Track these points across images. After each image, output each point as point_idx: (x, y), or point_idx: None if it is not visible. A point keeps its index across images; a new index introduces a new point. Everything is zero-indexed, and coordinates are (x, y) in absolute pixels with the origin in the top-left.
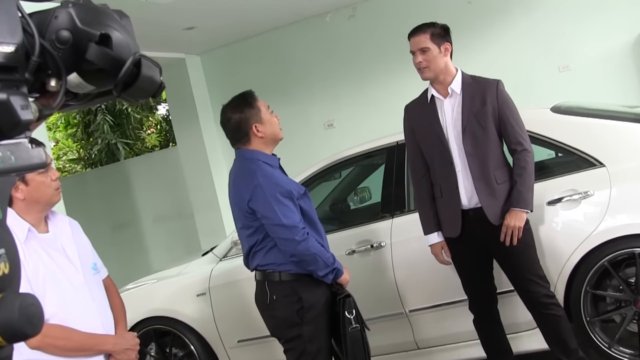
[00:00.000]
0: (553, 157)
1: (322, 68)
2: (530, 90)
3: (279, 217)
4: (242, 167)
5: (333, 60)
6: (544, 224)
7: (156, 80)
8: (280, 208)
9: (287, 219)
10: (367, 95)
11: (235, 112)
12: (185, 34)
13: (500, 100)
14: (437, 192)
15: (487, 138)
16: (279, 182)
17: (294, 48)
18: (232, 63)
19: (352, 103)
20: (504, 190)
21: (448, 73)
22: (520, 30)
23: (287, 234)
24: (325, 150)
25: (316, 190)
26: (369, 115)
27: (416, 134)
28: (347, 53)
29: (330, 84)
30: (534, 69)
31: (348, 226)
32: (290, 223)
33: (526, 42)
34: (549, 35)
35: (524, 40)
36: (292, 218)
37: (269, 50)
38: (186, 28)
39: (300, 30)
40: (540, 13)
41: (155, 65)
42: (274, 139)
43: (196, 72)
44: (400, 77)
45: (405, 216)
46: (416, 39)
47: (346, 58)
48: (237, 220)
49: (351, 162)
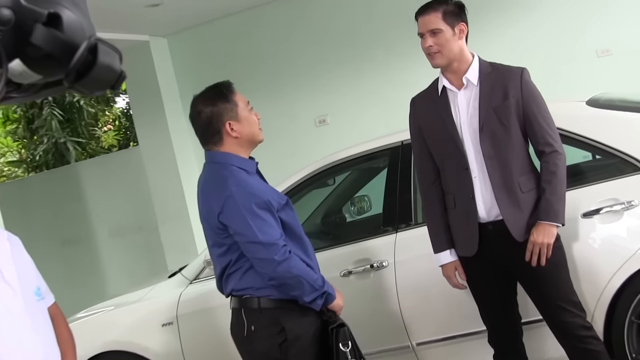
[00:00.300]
0: (589, 159)
1: (311, 53)
2: (562, 80)
3: (254, 233)
4: (212, 174)
5: (325, 43)
6: (578, 240)
7: (115, 68)
8: (256, 222)
9: (265, 235)
10: (366, 85)
11: (207, 105)
12: (150, 11)
13: (525, 92)
14: (450, 202)
15: (510, 138)
16: (254, 191)
17: (278, 29)
18: (205, 47)
19: (348, 95)
20: (530, 200)
21: (463, 60)
22: (550, 8)
23: (265, 252)
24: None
25: (305, 199)
26: (368, 110)
27: (424, 133)
28: (342, 35)
29: (321, 72)
30: (567, 55)
31: (343, 242)
32: (268, 240)
33: (557, 22)
34: (586, 14)
35: (555, 20)
36: (270, 234)
37: (249, 33)
38: (150, 5)
39: (285, 8)
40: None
41: (114, 50)
42: (251, 140)
43: (162, 57)
44: (405, 63)
45: (412, 230)
46: (425, 18)
47: (341, 41)
48: (208, 236)
49: (347, 166)
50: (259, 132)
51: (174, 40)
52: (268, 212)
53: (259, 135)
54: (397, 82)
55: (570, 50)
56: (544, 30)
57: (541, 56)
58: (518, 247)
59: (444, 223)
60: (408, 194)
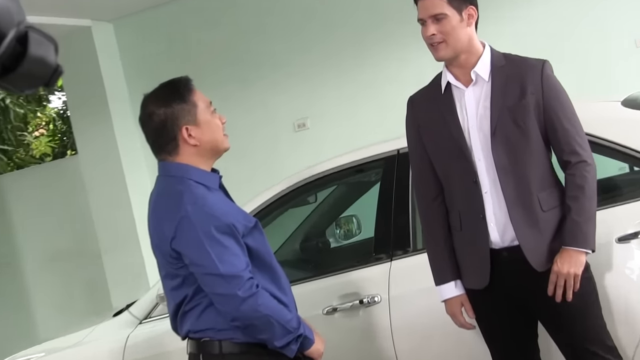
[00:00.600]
0: (626, 172)
1: (289, 44)
2: (592, 75)
3: (213, 263)
4: (164, 189)
5: (305, 33)
6: (612, 270)
7: (49, 62)
8: (215, 250)
9: (226, 265)
10: (354, 82)
11: (160, 106)
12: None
13: (547, 89)
14: (455, 224)
15: (528, 144)
16: (215, 211)
17: (248, 16)
18: (160, 35)
19: (333, 94)
20: (553, 220)
21: (472, 51)
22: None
23: (226, 287)
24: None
25: (280, 220)
26: (357, 112)
27: (424, 139)
28: (325, 22)
29: (301, 66)
30: (598, 45)
31: (327, 273)
32: (230, 271)
33: (587, 6)
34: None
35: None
36: (233, 264)
37: (214, 19)
38: None
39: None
40: None
41: (48, 40)
42: (213, 148)
43: (107, 46)
44: (402, 54)
45: (409, 258)
46: (427, 1)
47: (324, 29)
48: (160, 266)
49: (331, 180)
50: (224, 139)
51: (121, 26)
52: (231, 238)
53: (223, 143)
54: (392, 77)
55: (603, 39)
56: (570, 15)
57: (566, 46)
58: (539, 278)
59: (448, 249)
60: (405, 214)
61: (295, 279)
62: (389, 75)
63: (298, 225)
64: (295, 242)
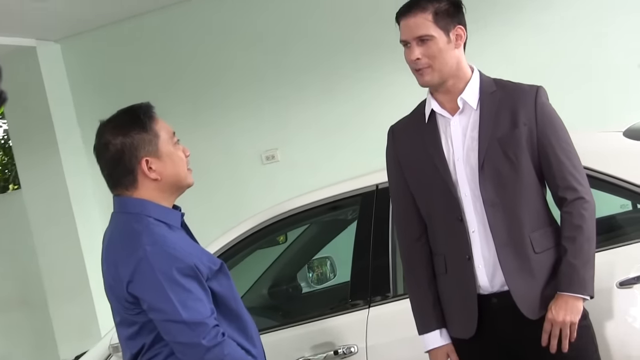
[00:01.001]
0: (628, 210)
1: (256, 67)
2: (592, 103)
3: (175, 308)
4: (121, 227)
5: (275, 54)
6: (613, 318)
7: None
8: (178, 294)
9: (189, 311)
10: (329, 109)
11: (117, 136)
12: (37, 8)
13: (541, 119)
14: (440, 267)
15: (520, 179)
16: (176, 252)
17: (209, 34)
18: (113, 56)
19: (305, 123)
20: (547, 263)
21: (460, 75)
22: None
23: (189, 335)
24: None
25: (247, 263)
26: (331, 142)
27: (406, 173)
28: (297, 43)
29: (270, 92)
30: (598, 69)
31: (298, 321)
32: (194, 318)
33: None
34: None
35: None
36: (197, 310)
37: (173, 36)
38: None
39: (219, 4)
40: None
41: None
42: (176, 184)
43: (53, 68)
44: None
45: (389, 305)
46: (410, 21)
47: (296, 51)
48: (114, 311)
49: (303, 218)
50: (187, 174)
51: (69, 46)
52: (194, 281)
53: (186, 178)
54: (371, 104)
55: (604, 62)
56: (568, 36)
57: (563, 71)
58: (531, 326)
59: (433, 294)
60: (384, 255)
61: (264, 327)
62: (368, 101)
63: (266, 268)
64: (263, 287)
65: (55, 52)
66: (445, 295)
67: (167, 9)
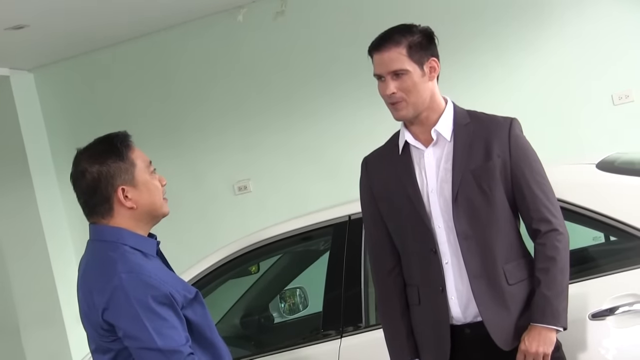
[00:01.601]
0: (601, 242)
1: (230, 95)
2: (566, 135)
3: (151, 336)
4: (96, 255)
5: (248, 82)
6: (586, 349)
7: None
8: (153, 322)
9: (165, 339)
10: (302, 139)
11: (94, 164)
12: (11, 36)
13: (514, 151)
14: (413, 298)
15: (493, 211)
16: (152, 280)
17: (183, 64)
18: (86, 86)
19: (278, 153)
20: (520, 295)
21: (434, 107)
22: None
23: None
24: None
25: (219, 293)
26: (304, 173)
27: (380, 204)
28: (271, 71)
29: (242, 121)
30: (573, 101)
31: (270, 351)
32: (169, 346)
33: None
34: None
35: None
36: (172, 338)
37: (146, 66)
38: (13, 27)
39: (195, 34)
40: (589, 13)
41: None
42: (151, 213)
43: (27, 97)
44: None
45: (362, 335)
46: (384, 55)
47: (269, 80)
48: (90, 339)
49: (275, 248)
50: (163, 203)
51: (43, 76)
52: (169, 309)
53: (162, 207)
54: (344, 135)
55: (579, 94)
56: (541, 68)
57: (537, 104)
58: (505, 357)
59: (406, 325)
60: (357, 286)
61: (236, 357)
62: (342, 132)
63: (238, 298)
64: (235, 317)
65: (29, 82)
66: (419, 325)
67: (140, 39)
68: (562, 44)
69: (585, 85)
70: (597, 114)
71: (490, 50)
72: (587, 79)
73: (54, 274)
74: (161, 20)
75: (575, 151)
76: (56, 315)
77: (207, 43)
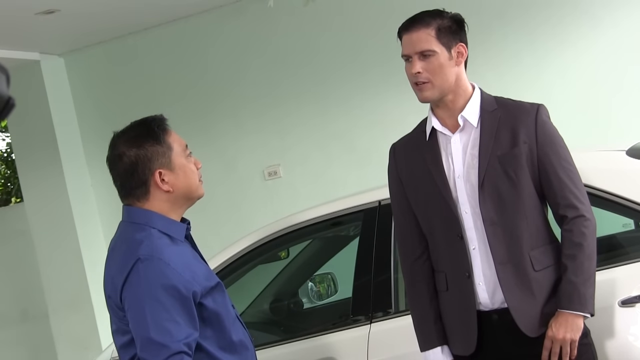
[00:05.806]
0: (630, 229)
1: (259, 82)
2: (595, 121)
3: (146, 325)
4: (124, 236)
5: (278, 69)
6: (614, 336)
7: (1, 93)
8: (154, 312)
9: (159, 332)
10: (332, 125)
11: (131, 147)
12: (42, 21)
13: (541, 137)
14: (441, 284)
15: (520, 197)
16: (168, 269)
17: (212, 48)
18: (116, 70)
19: (308, 138)
20: (547, 281)
21: (459, 92)
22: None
23: (148, 353)
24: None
25: (248, 278)
26: (335, 159)
27: (407, 190)
28: (301, 58)
29: (272, 107)
30: (603, 88)
31: (299, 336)
32: (160, 339)
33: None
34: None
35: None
36: (168, 332)
37: (176, 52)
38: (43, 12)
39: (226, 19)
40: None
41: (0, 70)
42: (187, 195)
43: (57, 82)
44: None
45: (391, 321)
46: (413, 36)
47: (298, 66)
48: (112, 320)
49: (305, 234)
50: (199, 186)
51: (73, 61)
52: (177, 302)
53: (197, 190)
54: (373, 121)
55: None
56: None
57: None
58: (532, 344)
59: (434, 311)
60: (386, 272)
61: (265, 342)
62: (371, 118)
63: (268, 284)
64: (265, 302)
65: (59, 66)
66: (446, 312)
67: (172, 24)
68: (591, 30)
69: (615, 73)
70: (627, 101)
71: (520, 38)
72: (618, 67)
73: (83, 259)
74: (192, 6)
75: (604, 138)
76: (85, 300)
77: (238, 28)
